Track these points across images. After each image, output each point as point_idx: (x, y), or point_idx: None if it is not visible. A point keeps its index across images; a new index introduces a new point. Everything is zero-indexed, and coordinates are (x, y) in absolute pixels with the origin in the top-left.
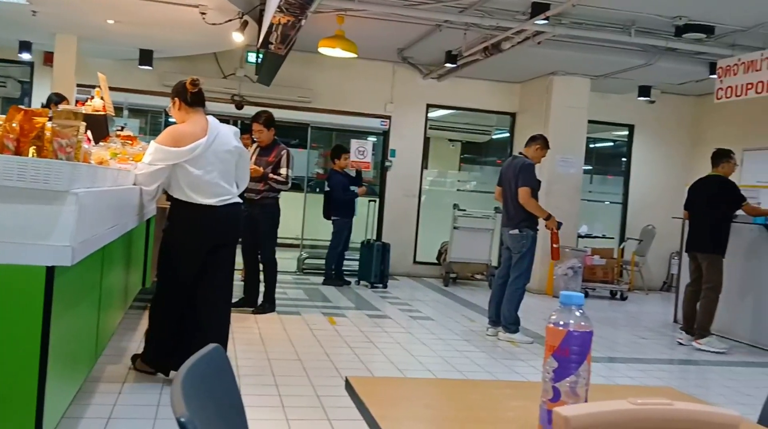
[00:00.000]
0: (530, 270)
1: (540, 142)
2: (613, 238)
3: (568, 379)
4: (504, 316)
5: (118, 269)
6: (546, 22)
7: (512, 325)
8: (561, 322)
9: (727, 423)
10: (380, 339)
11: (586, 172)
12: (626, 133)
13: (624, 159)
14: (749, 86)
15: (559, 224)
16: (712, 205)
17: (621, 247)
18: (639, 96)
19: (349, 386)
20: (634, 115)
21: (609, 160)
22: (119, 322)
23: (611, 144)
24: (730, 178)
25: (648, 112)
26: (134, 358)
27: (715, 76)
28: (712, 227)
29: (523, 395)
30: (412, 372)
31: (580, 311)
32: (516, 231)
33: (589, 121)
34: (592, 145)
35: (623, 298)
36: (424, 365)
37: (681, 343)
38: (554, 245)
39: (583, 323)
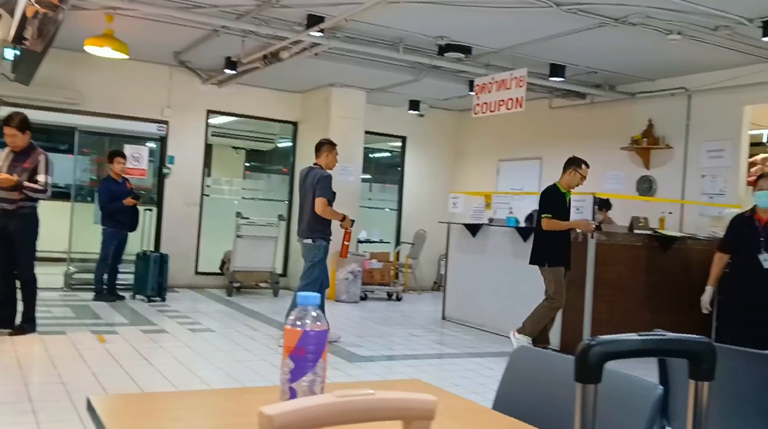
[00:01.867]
0: (319, 279)
1: (326, 146)
2: (389, 242)
3: (305, 378)
4: None
5: None
6: (321, 34)
7: None
8: (298, 323)
9: (424, 407)
10: (156, 355)
11: (365, 180)
12: (400, 144)
13: (399, 168)
14: (501, 103)
15: (352, 222)
16: (539, 215)
17: (396, 250)
18: (410, 109)
19: (90, 407)
20: (406, 127)
21: (386, 170)
22: None
23: (388, 154)
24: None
25: (418, 124)
26: None
27: (473, 93)
28: (537, 238)
29: (277, 399)
30: (191, 387)
31: (316, 312)
32: (309, 241)
33: (367, 132)
34: (371, 155)
35: (398, 299)
36: (203, 379)
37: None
38: (345, 243)
39: (318, 323)
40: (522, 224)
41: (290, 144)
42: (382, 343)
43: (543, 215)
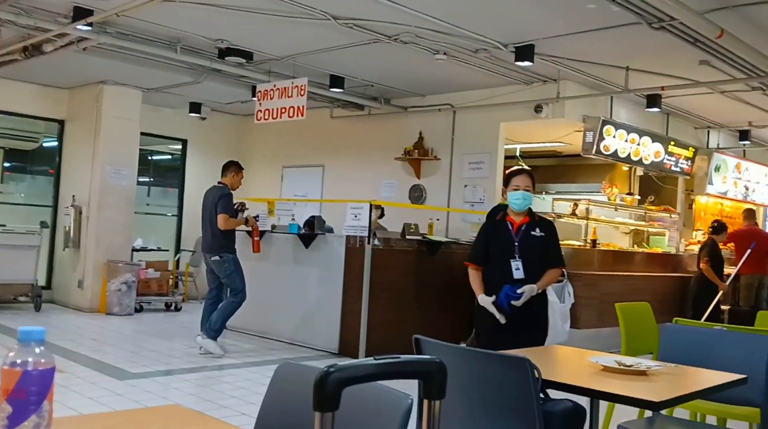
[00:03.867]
0: (245, 286)
1: (233, 167)
2: (168, 250)
3: (26, 423)
4: (211, 321)
5: None
6: (89, 28)
7: (214, 332)
8: (18, 362)
9: None
10: None
11: (144, 184)
12: (180, 147)
13: (180, 172)
14: (283, 110)
15: (256, 217)
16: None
17: (176, 258)
18: (190, 112)
19: None
20: (187, 129)
21: (168, 173)
22: None
23: (170, 157)
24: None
25: (200, 127)
26: None
27: (255, 99)
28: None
29: None
30: None
31: (41, 348)
32: (217, 257)
33: (144, 134)
34: (150, 158)
35: (178, 309)
36: None
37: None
38: (255, 238)
39: (43, 360)
40: (303, 231)
41: (56, 144)
42: (159, 358)
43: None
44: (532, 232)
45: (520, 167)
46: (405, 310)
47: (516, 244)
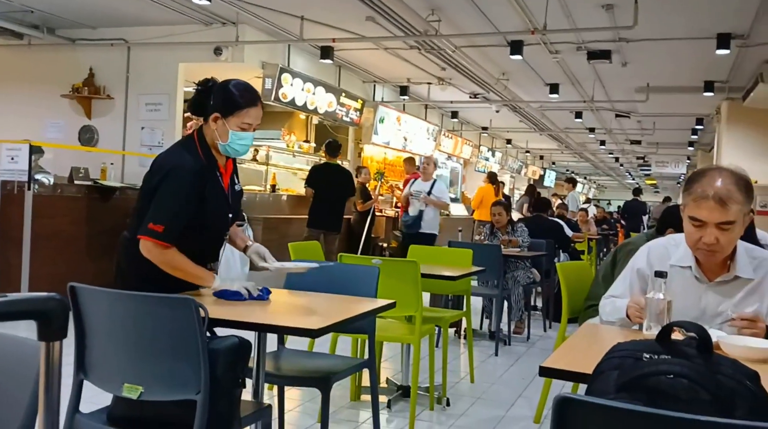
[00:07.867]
0: None
1: None
2: None
3: None
4: None
5: None
6: None
7: None
8: None
9: None
10: None
11: None
12: None
13: None
14: None
15: None
16: None
17: None
18: None
19: None
20: None
21: None
22: None
23: None
24: None
25: None
26: None
27: None
28: None
29: None
30: None
31: None
32: None
33: None
34: None
35: None
36: None
37: None
38: None
39: None
40: None
41: None
42: None
43: None
44: (236, 187)
45: (252, 91)
46: (76, 262)
47: (230, 213)
